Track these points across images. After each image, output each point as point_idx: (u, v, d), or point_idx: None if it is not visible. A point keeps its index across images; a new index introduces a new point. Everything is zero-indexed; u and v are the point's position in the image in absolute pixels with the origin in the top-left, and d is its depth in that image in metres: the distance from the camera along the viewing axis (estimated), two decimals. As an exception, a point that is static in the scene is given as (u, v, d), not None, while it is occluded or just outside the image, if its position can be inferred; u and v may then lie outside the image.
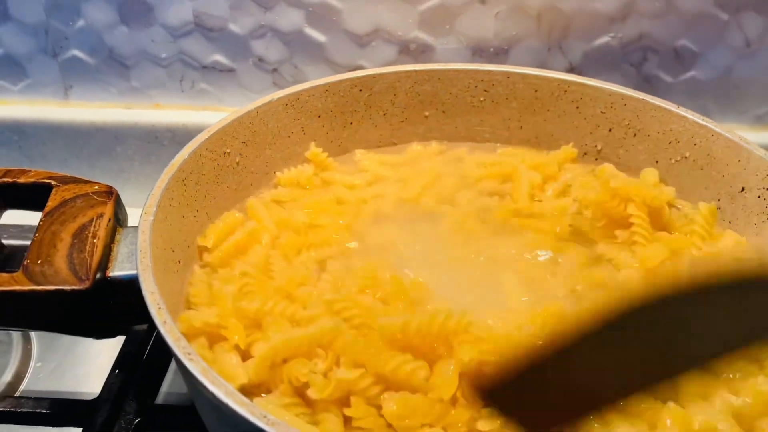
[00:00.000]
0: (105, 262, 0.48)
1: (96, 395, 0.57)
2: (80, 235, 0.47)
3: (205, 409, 0.44)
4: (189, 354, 0.38)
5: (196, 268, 0.55)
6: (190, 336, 0.46)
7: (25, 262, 0.46)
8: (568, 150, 0.68)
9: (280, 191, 0.64)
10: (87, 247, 0.47)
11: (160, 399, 0.58)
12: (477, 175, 0.66)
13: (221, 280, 0.52)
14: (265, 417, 0.34)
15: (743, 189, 0.59)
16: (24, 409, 0.57)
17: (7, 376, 0.65)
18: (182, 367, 0.39)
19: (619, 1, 0.73)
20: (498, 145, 0.72)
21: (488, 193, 0.65)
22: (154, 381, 0.57)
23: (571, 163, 0.68)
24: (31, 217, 0.52)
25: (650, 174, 0.63)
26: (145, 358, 0.58)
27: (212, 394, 0.36)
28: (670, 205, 0.61)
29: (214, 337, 0.47)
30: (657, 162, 0.66)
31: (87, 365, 0.68)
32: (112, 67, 0.81)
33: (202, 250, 0.57)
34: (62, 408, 0.57)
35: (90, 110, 0.83)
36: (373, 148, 0.71)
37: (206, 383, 0.36)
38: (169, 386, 0.62)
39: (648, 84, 0.78)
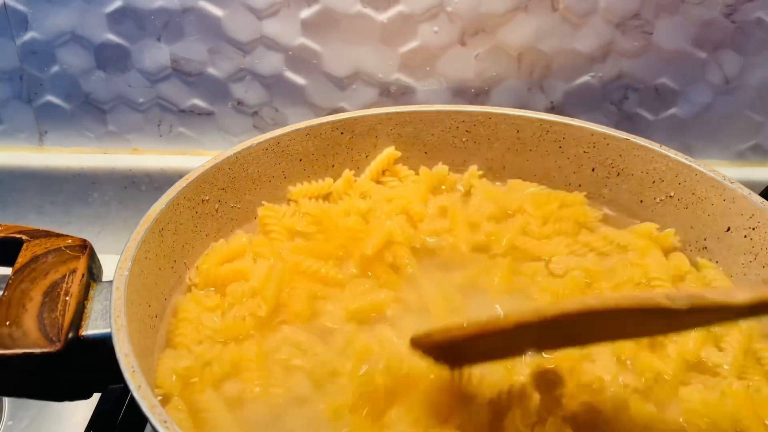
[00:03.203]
0: (78, 320, 0.46)
1: (69, 457, 0.54)
2: (52, 293, 0.46)
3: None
4: (165, 422, 0.36)
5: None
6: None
7: (-8, 325, 0.44)
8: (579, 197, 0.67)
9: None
10: (59, 306, 0.45)
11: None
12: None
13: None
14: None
15: (729, 228, 0.59)
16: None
17: (-23, 436, 0.63)
18: (158, 435, 0.37)
19: (598, 41, 0.73)
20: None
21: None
22: (131, 441, 0.55)
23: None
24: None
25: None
26: (122, 417, 0.55)
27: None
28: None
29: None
30: (641, 201, 0.66)
31: (61, 423, 0.66)
32: (89, 112, 0.80)
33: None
34: (33, 471, 0.54)
35: (65, 156, 0.81)
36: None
37: (183, 454, 0.35)
38: (148, 445, 0.59)
39: (629, 122, 0.78)
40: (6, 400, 0.66)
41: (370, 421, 0.44)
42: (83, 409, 0.60)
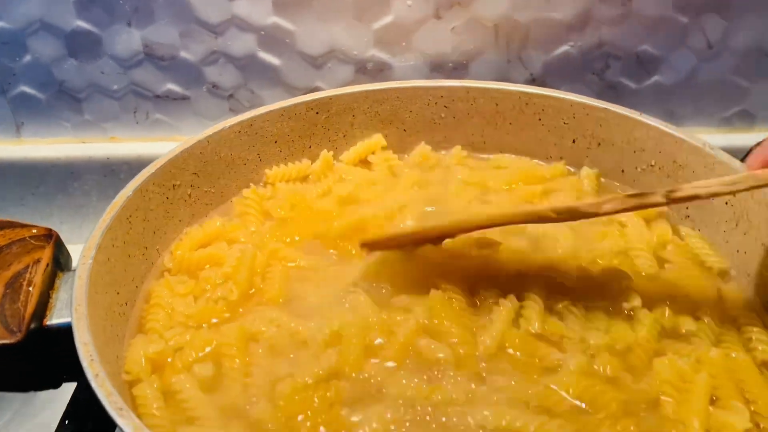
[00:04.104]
0: (42, 310, 0.45)
1: (47, 448, 0.54)
2: (14, 284, 0.45)
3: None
4: (120, 409, 0.36)
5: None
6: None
7: (-48, 317, 0.43)
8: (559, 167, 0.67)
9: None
10: (21, 297, 0.44)
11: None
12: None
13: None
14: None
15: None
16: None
17: (-42, 431, 0.62)
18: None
19: (576, 9, 0.72)
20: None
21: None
22: (108, 430, 0.54)
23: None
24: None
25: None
26: (98, 406, 0.55)
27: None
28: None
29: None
30: (623, 171, 0.65)
31: (44, 415, 0.65)
32: (64, 101, 0.79)
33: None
34: (11, 463, 0.54)
35: (43, 146, 0.81)
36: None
37: (138, 441, 0.34)
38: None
39: (613, 91, 0.77)
40: (-11, 394, 0.66)
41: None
42: (65, 401, 0.60)
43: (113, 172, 0.80)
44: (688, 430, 0.41)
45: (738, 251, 0.55)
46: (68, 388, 0.55)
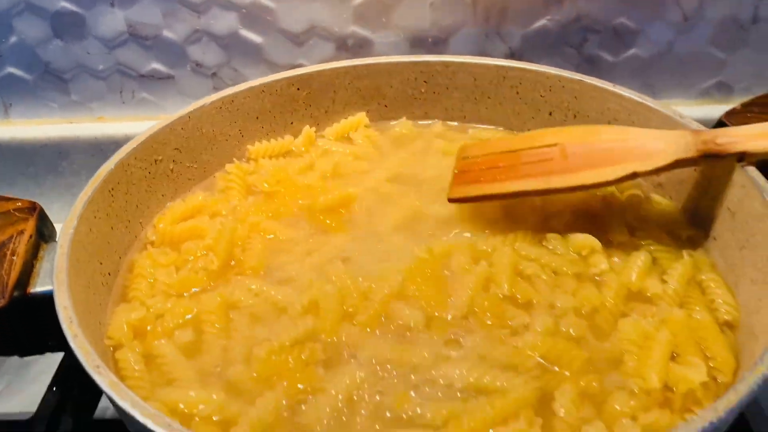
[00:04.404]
0: (25, 279, 0.47)
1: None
2: (-2, 254, 0.47)
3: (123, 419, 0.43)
4: (97, 367, 0.37)
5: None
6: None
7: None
8: None
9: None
10: (4, 265, 0.46)
11: (98, 414, 0.57)
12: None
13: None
14: (169, 426, 0.33)
15: (681, 163, 0.59)
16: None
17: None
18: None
19: (553, -17, 0.73)
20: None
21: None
22: (92, 396, 0.56)
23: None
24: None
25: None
26: (83, 371, 0.57)
27: (120, 407, 0.35)
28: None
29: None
30: (598, 142, 0.65)
31: (39, 383, 0.67)
32: (51, 82, 0.80)
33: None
34: (-1, 429, 0.56)
35: (32, 128, 0.82)
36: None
37: (114, 396, 0.36)
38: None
39: (591, 64, 0.78)
40: (-17, 366, 0.68)
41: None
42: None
43: (102, 152, 0.81)
44: (647, 383, 0.42)
45: (706, 216, 0.56)
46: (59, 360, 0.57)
